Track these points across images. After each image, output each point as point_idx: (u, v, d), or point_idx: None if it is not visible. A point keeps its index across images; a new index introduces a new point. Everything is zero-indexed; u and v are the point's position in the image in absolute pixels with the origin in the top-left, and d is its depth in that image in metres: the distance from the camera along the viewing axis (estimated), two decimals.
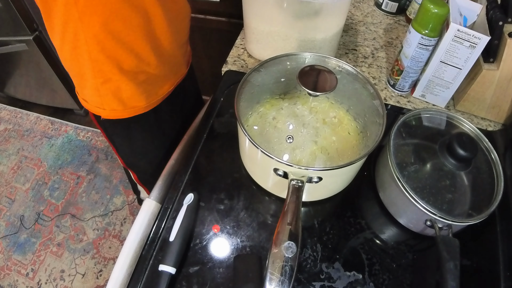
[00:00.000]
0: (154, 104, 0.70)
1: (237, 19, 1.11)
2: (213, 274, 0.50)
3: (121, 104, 0.65)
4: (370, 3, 0.93)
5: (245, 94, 0.53)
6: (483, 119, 0.70)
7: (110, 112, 0.66)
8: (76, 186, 1.53)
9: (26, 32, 1.32)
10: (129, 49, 0.58)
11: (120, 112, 0.67)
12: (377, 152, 0.59)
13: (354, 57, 0.79)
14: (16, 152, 1.65)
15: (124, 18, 0.54)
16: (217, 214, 0.55)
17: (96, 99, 0.64)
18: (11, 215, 1.45)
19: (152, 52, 0.61)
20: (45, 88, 1.63)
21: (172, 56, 0.68)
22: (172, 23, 0.62)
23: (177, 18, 0.64)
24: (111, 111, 0.66)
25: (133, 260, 0.52)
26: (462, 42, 0.58)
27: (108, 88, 0.62)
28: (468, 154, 0.48)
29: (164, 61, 0.66)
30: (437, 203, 0.48)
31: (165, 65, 0.67)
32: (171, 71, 0.70)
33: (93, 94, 0.64)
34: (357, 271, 0.50)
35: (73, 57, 0.59)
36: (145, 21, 0.56)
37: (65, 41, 0.56)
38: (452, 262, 0.44)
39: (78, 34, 0.53)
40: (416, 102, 0.72)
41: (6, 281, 1.30)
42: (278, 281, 0.38)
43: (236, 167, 0.60)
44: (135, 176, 0.91)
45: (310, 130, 0.53)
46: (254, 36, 0.74)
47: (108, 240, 1.38)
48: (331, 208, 0.57)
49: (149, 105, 0.69)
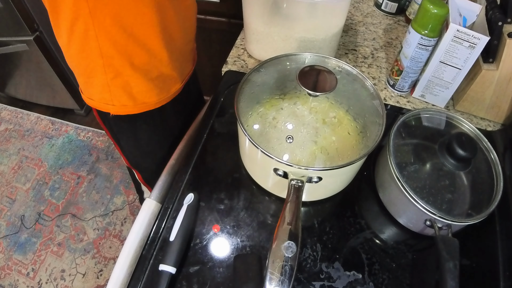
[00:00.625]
0: (164, 101, 0.70)
1: (237, 20, 1.11)
2: (213, 274, 0.50)
3: (131, 100, 0.65)
4: (369, 4, 0.93)
5: (245, 94, 0.53)
6: (483, 119, 0.70)
7: (120, 107, 0.66)
8: (76, 186, 1.53)
9: (26, 33, 1.32)
10: (141, 44, 0.58)
11: (131, 107, 0.66)
12: (377, 152, 0.60)
13: (354, 58, 0.80)
14: (16, 152, 1.65)
15: (136, 12, 0.54)
16: (217, 214, 0.56)
17: (105, 96, 0.64)
18: (11, 215, 1.45)
19: (164, 48, 0.61)
20: (45, 88, 1.63)
21: (182, 53, 0.68)
22: (182, 20, 0.62)
23: (186, 15, 0.65)
24: (121, 107, 0.65)
25: (134, 259, 0.53)
26: (461, 42, 0.59)
27: (119, 83, 0.62)
28: (468, 154, 0.49)
29: (175, 58, 0.66)
30: (436, 203, 0.48)
31: (175, 62, 0.66)
32: (181, 69, 0.70)
33: (102, 90, 0.63)
34: (357, 271, 0.51)
35: (82, 55, 0.58)
36: (157, 16, 0.56)
37: (73, 38, 0.56)
38: (451, 262, 0.44)
39: (88, 30, 0.53)
40: (416, 102, 0.72)
41: (7, 280, 1.30)
42: (278, 280, 0.38)
43: (236, 167, 0.60)
44: (139, 176, 0.91)
45: (310, 130, 0.53)
46: (254, 36, 0.74)
47: (109, 240, 1.38)
48: (331, 208, 0.57)
49: (159, 101, 0.69)
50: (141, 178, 0.91)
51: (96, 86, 0.63)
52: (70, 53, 0.60)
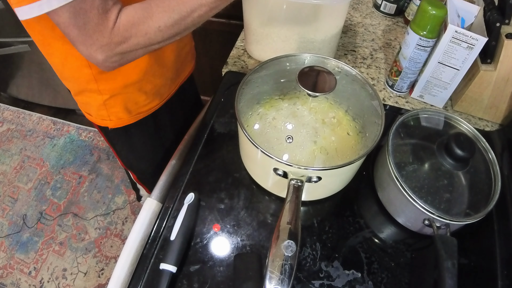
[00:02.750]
0: (157, 107, 0.71)
1: (237, 20, 1.11)
2: (213, 273, 0.50)
3: (127, 113, 0.67)
4: (368, 5, 0.93)
5: (245, 95, 0.54)
6: (481, 119, 0.70)
7: (116, 121, 0.68)
8: (78, 185, 1.54)
9: (28, 33, 1.33)
10: (133, 65, 0.58)
11: (127, 119, 0.68)
12: (376, 152, 0.60)
13: (353, 58, 0.80)
14: (18, 152, 1.66)
15: None
16: (218, 213, 0.56)
17: (102, 113, 0.66)
18: (13, 214, 1.46)
19: (156, 63, 0.62)
20: (47, 88, 1.64)
21: (176, 60, 0.68)
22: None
23: None
24: (118, 120, 0.68)
25: (135, 259, 0.53)
26: (460, 43, 0.59)
27: (114, 101, 0.63)
28: (466, 154, 0.49)
29: (169, 68, 0.67)
30: (435, 203, 0.49)
31: (170, 70, 0.68)
32: (176, 73, 0.71)
33: (99, 109, 0.65)
34: (356, 270, 0.51)
35: (76, 78, 0.60)
36: None
37: (66, 64, 0.57)
38: (450, 261, 0.44)
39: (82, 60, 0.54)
40: (414, 103, 0.72)
41: (9, 279, 1.31)
42: (278, 279, 0.39)
43: (236, 167, 0.61)
44: (134, 176, 0.93)
45: (310, 130, 0.54)
46: (254, 37, 0.75)
47: (110, 239, 1.39)
48: (330, 208, 0.58)
49: (153, 108, 0.70)
50: (136, 178, 0.93)
51: (93, 106, 0.65)
52: (65, 76, 0.61)
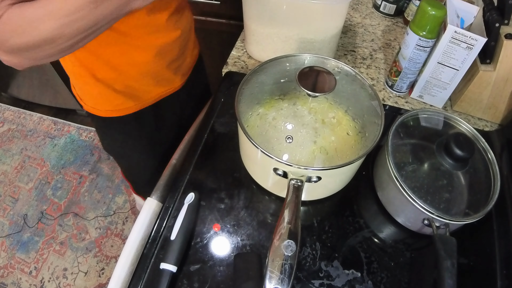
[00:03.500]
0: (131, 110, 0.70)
1: (237, 21, 1.11)
2: (213, 272, 0.50)
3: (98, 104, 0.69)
4: (368, 5, 0.94)
5: (245, 95, 0.54)
6: (480, 120, 0.70)
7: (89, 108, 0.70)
8: (78, 185, 1.54)
9: None
10: (104, 62, 0.59)
11: (97, 111, 0.70)
12: (376, 152, 0.60)
13: (352, 59, 0.80)
14: (19, 152, 1.66)
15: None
16: (218, 213, 0.56)
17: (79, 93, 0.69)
18: (14, 214, 1.46)
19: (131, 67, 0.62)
20: (48, 89, 1.64)
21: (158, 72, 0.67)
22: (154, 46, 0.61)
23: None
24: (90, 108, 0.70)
25: (135, 258, 0.53)
26: (459, 43, 0.59)
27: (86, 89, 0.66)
28: (465, 154, 0.49)
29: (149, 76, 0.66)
30: (434, 202, 0.49)
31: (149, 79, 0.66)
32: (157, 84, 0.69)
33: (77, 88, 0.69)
34: (356, 269, 0.51)
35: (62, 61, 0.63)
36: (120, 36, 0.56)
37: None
38: (449, 261, 0.44)
39: None
40: (414, 103, 0.72)
41: (10, 279, 1.31)
42: (278, 279, 0.39)
43: (236, 167, 0.61)
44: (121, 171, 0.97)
45: (310, 130, 0.54)
46: (254, 37, 0.75)
47: (110, 239, 1.39)
48: (330, 207, 0.58)
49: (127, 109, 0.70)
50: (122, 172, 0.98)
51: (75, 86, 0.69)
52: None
